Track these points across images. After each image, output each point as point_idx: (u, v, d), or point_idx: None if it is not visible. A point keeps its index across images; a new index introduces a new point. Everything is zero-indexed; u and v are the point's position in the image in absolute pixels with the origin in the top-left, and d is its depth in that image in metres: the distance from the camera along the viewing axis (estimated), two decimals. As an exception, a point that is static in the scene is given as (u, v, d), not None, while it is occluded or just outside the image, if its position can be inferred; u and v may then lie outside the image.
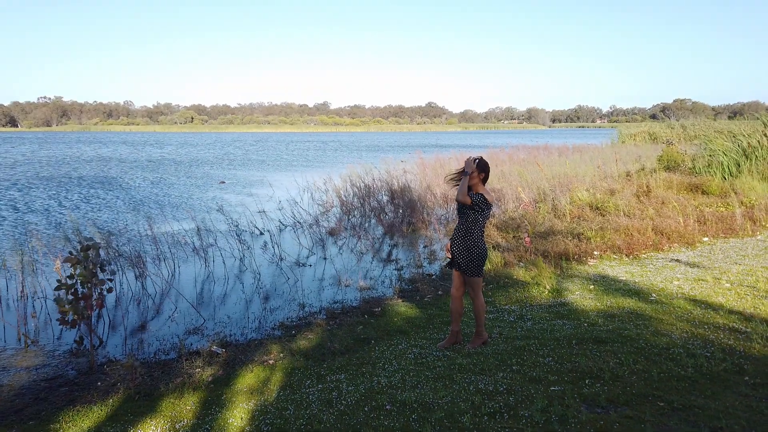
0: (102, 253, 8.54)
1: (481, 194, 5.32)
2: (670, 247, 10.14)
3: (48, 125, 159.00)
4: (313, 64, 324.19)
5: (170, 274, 9.28)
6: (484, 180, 5.47)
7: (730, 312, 6.15)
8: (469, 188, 5.41)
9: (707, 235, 10.86)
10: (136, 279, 8.55)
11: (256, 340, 6.42)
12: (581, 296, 7.23)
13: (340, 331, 6.45)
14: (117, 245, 9.15)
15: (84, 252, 6.10)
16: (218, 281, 9.05)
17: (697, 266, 8.54)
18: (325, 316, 7.23)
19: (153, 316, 7.48)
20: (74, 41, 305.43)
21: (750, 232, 10.90)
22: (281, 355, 5.73)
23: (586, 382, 4.40)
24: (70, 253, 6.30)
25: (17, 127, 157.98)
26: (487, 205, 5.34)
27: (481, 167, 5.44)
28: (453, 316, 5.71)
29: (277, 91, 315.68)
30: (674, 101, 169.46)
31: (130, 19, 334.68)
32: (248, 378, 5.11)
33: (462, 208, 5.42)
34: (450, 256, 5.59)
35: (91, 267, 6.11)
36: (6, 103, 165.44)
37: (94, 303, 6.08)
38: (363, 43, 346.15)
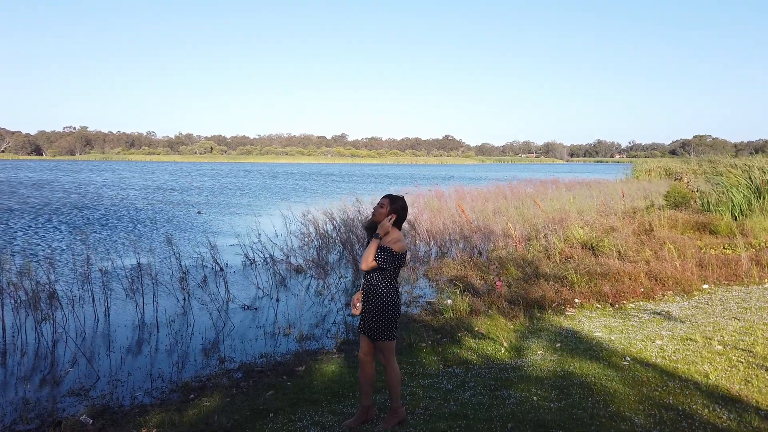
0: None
1: (388, 248, 4.30)
2: (664, 296, 8.94)
3: (72, 154, 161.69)
4: (331, 95, 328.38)
5: (95, 318, 8.32)
6: (398, 222, 4.47)
7: (715, 388, 4.98)
8: (375, 229, 4.41)
9: (708, 282, 9.63)
10: (38, 324, 7.51)
11: (143, 405, 5.38)
12: (542, 358, 6.09)
13: (243, 398, 5.40)
14: (36, 280, 8.20)
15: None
16: (144, 327, 8.06)
17: (689, 321, 7.35)
18: (241, 375, 6.18)
19: (43, 370, 6.48)
20: (103, 72, 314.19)
21: (756, 279, 9.65)
22: (153, 431, 4.68)
23: (498, 495, 3.29)
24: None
25: (42, 155, 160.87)
26: (394, 259, 4.32)
27: (395, 209, 4.44)
28: (363, 388, 4.62)
29: (296, 122, 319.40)
30: (694, 137, 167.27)
31: (157, 49, 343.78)
32: (88, 466, 4.08)
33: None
34: (357, 313, 4.55)
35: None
36: (33, 132, 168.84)
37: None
38: (381, 76, 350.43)
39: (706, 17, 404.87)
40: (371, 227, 4.44)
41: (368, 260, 4.32)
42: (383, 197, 4.49)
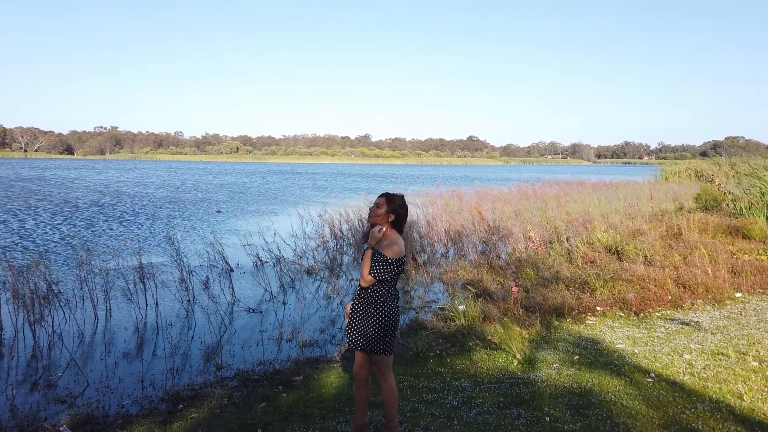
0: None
1: (383, 256, 3.91)
2: (693, 304, 8.35)
3: (102, 153, 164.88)
4: (355, 96, 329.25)
5: (95, 319, 8.09)
6: (397, 224, 4.07)
7: (750, 411, 4.46)
8: (371, 233, 4.01)
9: (741, 290, 9.01)
10: (32, 325, 7.26)
11: (128, 416, 5.08)
12: (558, 372, 5.62)
13: (234, 410, 5.05)
14: (40, 278, 8.00)
15: None
16: (144, 330, 7.79)
17: (721, 333, 6.79)
18: (236, 384, 5.84)
19: (33, 375, 6.21)
20: (134, 73, 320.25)
21: (795, 288, 8.99)
22: (132, 445, 4.36)
23: None
24: None
25: (73, 154, 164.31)
26: (389, 268, 3.92)
27: (393, 209, 4.04)
28: (357, 405, 4.24)
29: (321, 123, 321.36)
30: (726, 138, 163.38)
31: (186, 51, 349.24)
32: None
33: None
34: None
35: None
36: (65, 132, 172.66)
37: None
38: (406, 76, 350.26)
39: (740, 13, 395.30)
40: (368, 235, 4.06)
41: (365, 276, 3.94)
42: (379, 196, 4.10)
